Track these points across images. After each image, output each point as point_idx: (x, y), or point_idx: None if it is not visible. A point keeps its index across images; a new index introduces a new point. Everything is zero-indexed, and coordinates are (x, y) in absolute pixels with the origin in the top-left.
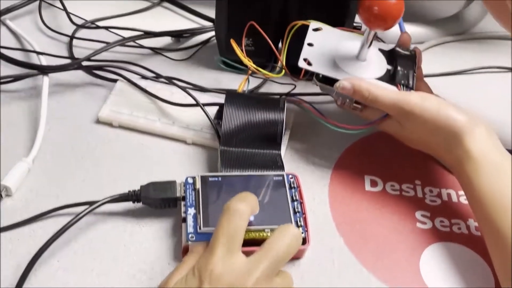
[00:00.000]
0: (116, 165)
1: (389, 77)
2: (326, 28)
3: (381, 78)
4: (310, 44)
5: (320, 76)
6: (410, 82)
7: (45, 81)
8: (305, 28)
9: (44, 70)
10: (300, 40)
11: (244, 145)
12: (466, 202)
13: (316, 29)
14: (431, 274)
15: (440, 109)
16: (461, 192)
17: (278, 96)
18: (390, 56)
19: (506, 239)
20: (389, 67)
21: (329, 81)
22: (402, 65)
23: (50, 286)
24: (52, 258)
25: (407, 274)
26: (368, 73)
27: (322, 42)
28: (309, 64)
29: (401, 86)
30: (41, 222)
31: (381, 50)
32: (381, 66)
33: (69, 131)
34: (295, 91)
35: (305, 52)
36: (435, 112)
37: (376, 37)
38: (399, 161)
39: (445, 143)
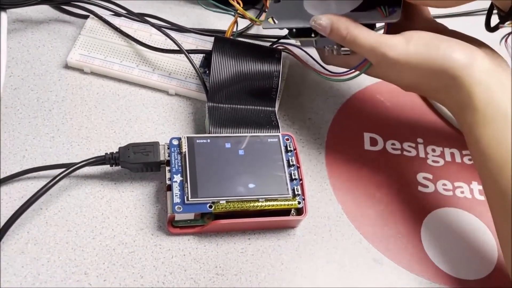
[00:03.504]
0: (89, 119)
1: (367, 4)
2: None
3: (358, 9)
4: (276, 1)
5: (294, 30)
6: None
7: (3, 17)
8: None
9: (1, 4)
10: None
11: (235, 100)
12: (470, 162)
13: None
14: (432, 243)
15: (430, 50)
16: (465, 152)
17: (274, 41)
18: None
19: (508, 199)
20: None
21: (306, 32)
22: None
23: (19, 261)
24: (21, 229)
25: (407, 244)
26: (341, 6)
27: None
28: (275, 22)
29: (383, 10)
30: (6, 187)
31: None
32: None
33: (33, 78)
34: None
35: (271, 10)
36: (424, 55)
37: None
38: (400, 116)
39: (442, 87)
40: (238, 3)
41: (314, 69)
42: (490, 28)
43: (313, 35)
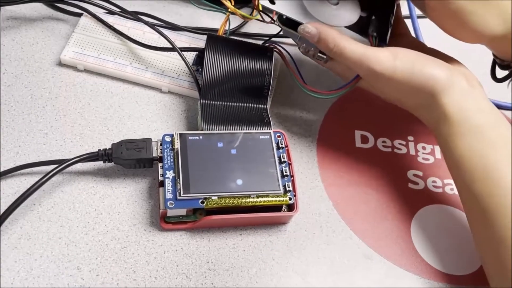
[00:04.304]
0: (83, 116)
1: (362, 26)
2: None
3: (351, 27)
4: None
5: (284, 17)
6: (386, 34)
7: None
8: None
9: None
10: None
11: (227, 98)
12: None
13: None
14: (422, 239)
15: (415, 68)
16: None
17: (266, 39)
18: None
19: (483, 207)
20: (363, 13)
21: (293, 25)
22: (379, 13)
23: (12, 256)
24: (14, 225)
25: (397, 240)
26: (337, 19)
27: None
28: (273, 2)
29: (373, 39)
30: None
31: None
32: (354, 11)
33: (27, 76)
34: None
35: None
36: (409, 72)
37: None
38: (392, 114)
39: (422, 103)
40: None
41: (296, 76)
42: (496, 79)
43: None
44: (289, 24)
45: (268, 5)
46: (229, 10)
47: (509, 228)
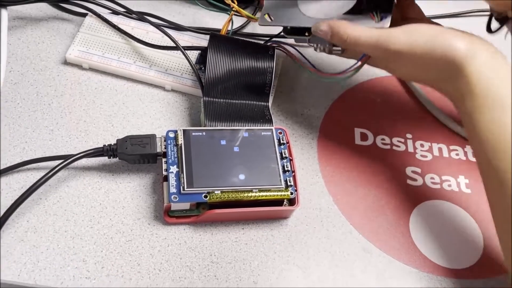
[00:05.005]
0: (88, 114)
1: (359, 7)
2: None
3: (351, 11)
4: None
5: (288, 28)
6: (386, 7)
7: (4, 14)
8: None
9: (2, 2)
10: None
11: (230, 95)
12: (457, 157)
13: None
14: (420, 233)
15: (435, 39)
16: (452, 147)
17: (267, 39)
18: None
19: (504, 182)
20: None
21: (299, 31)
22: None
23: (19, 248)
24: (20, 218)
25: (396, 234)
26: (335, 9)
27: None
28: (271, 19)
29: (375, 15)
30: (6, 178)
31: None
32: None
33: (33, 74)
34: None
35: (267, 7)
36: (429, 44)
37: None
38: (390, 113)
39: (444, 75)
40: (233, 1)
41: (308, 67)
42: (491, 31)
43: (306, 34)
44: (295, 32)
45: (267, 23)
46: (234, 9)
47: None
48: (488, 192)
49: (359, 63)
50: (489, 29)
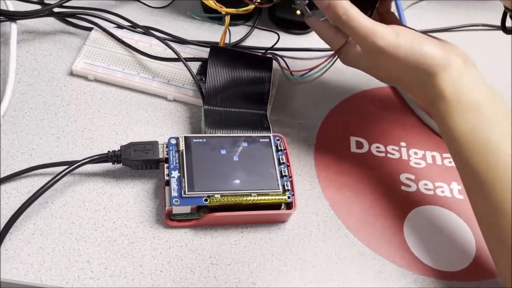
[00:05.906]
0: (93, 122)
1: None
2: None
3: None
4: None
5: None
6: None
7: (13, 28)
8: None
9: (12, 16)
10: None
11: (229, 104)
12: (450, 165)
13: None
14: (414, 237)
15: (414, 46)
16: (446, 155)
17: (264, 51)
18: None
19: (482, 181)
20: None
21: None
22: None
23: (26, 250)
24: (27, 221)
25: (391, 238)
26: None
27: None
28: None
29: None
30: (14, 183)
31: None
32: None
33: (41, 84)
34: (281, 46)
35: None
36: (409, 49)
37: None
38: (385, 122)
39: (418, 81)
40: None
41: (284, 68)
42: (506, 30)
43: None
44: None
45: None
46: (221, 11)
47: (509, 201)
48: (466, 189)
49: (328, 59)
50: (503, 28)
